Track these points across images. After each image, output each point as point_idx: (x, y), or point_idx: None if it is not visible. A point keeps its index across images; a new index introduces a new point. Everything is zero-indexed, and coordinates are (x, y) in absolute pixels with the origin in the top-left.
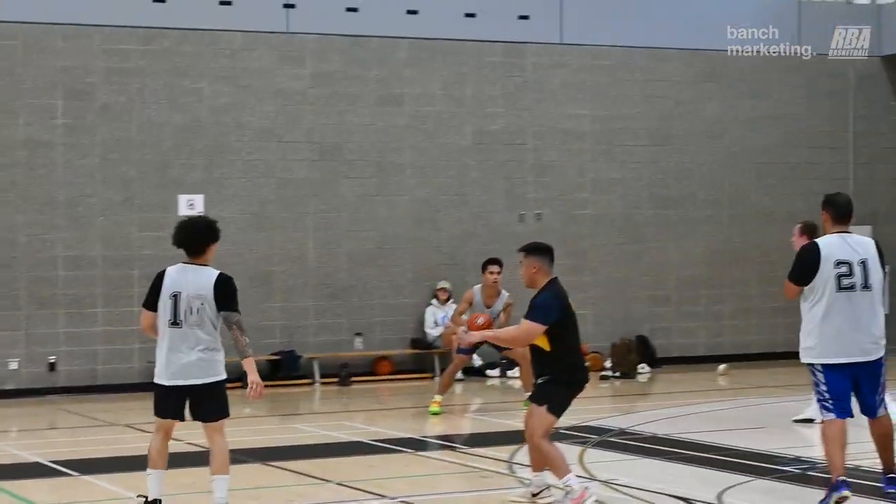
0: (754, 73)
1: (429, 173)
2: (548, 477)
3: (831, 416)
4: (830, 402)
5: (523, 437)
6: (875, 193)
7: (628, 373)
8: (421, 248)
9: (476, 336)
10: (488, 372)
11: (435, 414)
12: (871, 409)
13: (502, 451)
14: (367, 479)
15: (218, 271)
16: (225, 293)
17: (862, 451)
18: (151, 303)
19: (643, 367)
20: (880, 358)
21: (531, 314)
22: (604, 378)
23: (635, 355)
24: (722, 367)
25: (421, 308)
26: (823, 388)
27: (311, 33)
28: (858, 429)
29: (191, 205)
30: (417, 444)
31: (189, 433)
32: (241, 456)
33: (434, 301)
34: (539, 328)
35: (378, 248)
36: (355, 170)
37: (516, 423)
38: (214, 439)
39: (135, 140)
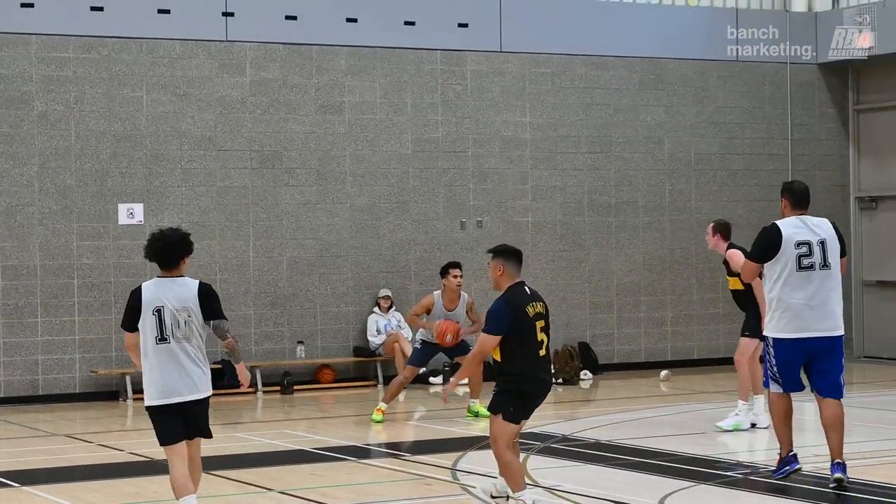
0: (694, 80)
1: (369, 181)
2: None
3: (778, 389)
4: (778, 375)
5: (469, 444)
6: (813, 200)
7: (571, 379)
8: (362, 255)
9: (454, 386)
10: (431, 379)
11: (378, 422)
12: (836, 387)
13: (446, 459)
14: (311, 488)
15: (197, 281)
16: (210, 301)
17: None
18: (131, 322)
19: (585, 374)
20: (840, 336)
21: (485, 325)
22: None
23: (577, 362)
24: (664, 373)
25: (363, 316)
26: (773, 360)
27: (250, 41)
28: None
29: (130, 214)
30: (361, 452)
31: (132, 443)
32: None
33: (376, 309)
34: (492, 339)
35: (319, 257)
36: (295, 178)
37: (460, 431)
38: (196, 456)
39: (73, 149)
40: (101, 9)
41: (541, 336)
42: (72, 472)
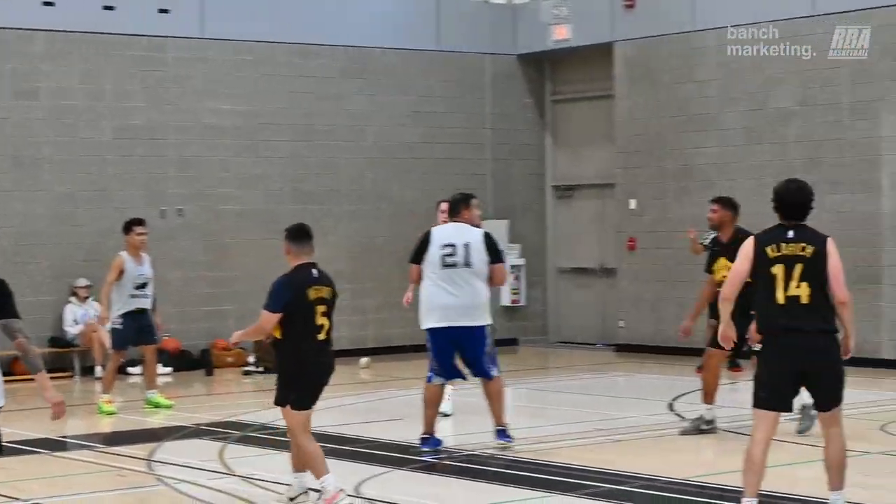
0: (398, 70)
1: (68, 168)
2: (308, 479)
3: (434, 378)
4: (436, 363)
5: (165, 435)
6: (511, 189)
7: (271, 368)
8: (60, 244)
9: (236, 337)
10: (129, 370)
11: (112, 413)
12: (484, 373)
13: (141, 450)
14: (1, 482)
15: None
16: (4, 297)
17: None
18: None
19: None
20: (483, 326)
21: (266, 301)
22: (247, 373)
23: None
24: (364, 360)
25: (60, 306)
26: (431, 351)
27: None
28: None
29: None
30: (55, 445)
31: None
32: None
33: (73, 299)
34: (271, 316)
35: (15, 245)
36: None
37: (155, 421)
38: None
39: None
40: None
41: (321, 320)
42: None
